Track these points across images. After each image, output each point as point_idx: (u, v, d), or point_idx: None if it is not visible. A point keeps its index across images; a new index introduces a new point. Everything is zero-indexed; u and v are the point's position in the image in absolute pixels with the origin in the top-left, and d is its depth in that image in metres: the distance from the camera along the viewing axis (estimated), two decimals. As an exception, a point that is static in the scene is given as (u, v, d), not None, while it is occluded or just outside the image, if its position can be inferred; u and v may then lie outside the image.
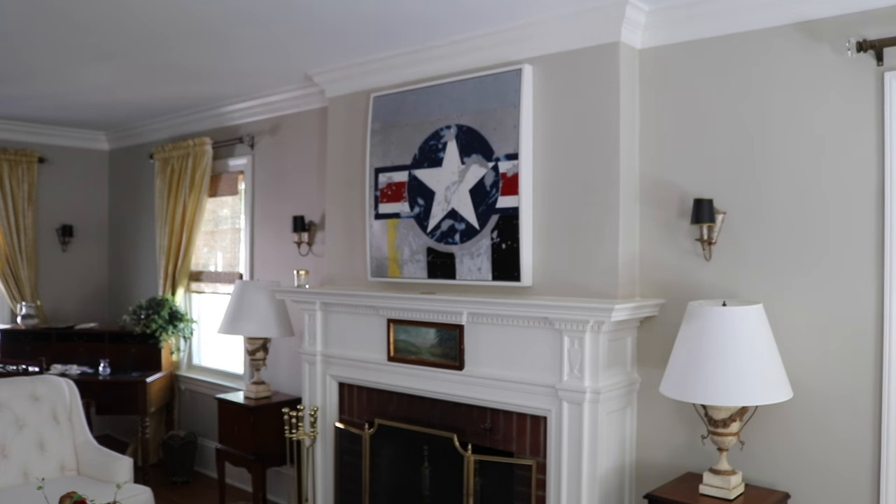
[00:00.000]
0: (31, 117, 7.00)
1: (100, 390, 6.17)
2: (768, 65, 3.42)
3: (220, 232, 6.61)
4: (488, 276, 4.07)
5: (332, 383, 4.83)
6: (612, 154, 3.70)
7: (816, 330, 3.31)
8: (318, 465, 4.87)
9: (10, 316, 7.21)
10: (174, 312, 6.50)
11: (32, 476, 4.53)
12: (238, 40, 4.39)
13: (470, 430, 4.09)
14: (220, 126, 6.37)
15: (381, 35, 4.25)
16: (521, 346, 3.85)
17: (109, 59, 4.87)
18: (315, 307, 4.82)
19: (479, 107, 4.12)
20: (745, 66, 3.49)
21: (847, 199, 3.23)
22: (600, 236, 3.74)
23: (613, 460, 3.72)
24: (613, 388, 3.67)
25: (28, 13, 3.97)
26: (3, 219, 7.06)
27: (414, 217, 4.42)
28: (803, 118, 3.33)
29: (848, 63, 3.20)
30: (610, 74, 3.71)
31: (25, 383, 4.94)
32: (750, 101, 3.48)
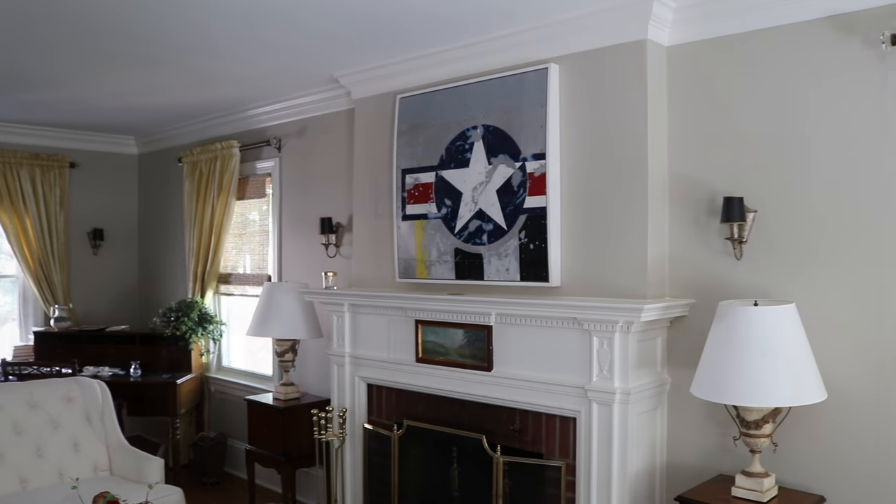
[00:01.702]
0: (62, 123, 7.10)
1: (131, 392, 6.23)
2: (799, 60, 3.37)
3: (249, 234, 6.65)
4: (516, 276, 4.06)
5: (361, 384, 4.83)
6: (640, 152, 3.67)
7: (851, 330, 3.26)
8: (347, 466, 4.88)
9: (43, 319, 7.30)
10: (204, 315, 6.55)
11: (67, 475, 4.59)
12: (265, 44, 4.41)
13: (499, 432, 4.08)
14: (248, 129, 6.41)
15: (406, 36, 4.25)
16: (550, 347, 3.83)
17: (139, 65, 4.92)
18: (343, 309, 4.83)
19: (505, 106, 4.11)
20: (775, 62, 3.44)
21: (882, 197, 3.17)
22: (629, 236, 3.72)
23: (644, 462, 3.69)
24: (643, 388, 3.63)
25: (59, 21, 4.02)
26: (35, 223, 7.16)
27: (441, 218, 4.42)
28: (836, 114, 3.28)
29: (882, 57, 3.15)
30: (637, 72, 3.68)
31: (59, 385, 5.01)
32: (780, 97, 3.43)
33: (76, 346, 6.81)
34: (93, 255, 7.76)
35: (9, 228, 7.04)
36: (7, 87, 5.57)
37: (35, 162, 7.19)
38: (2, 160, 7.00)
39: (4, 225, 7.03)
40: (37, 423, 4.72)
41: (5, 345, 7.21)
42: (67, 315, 7.13)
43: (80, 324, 7.40)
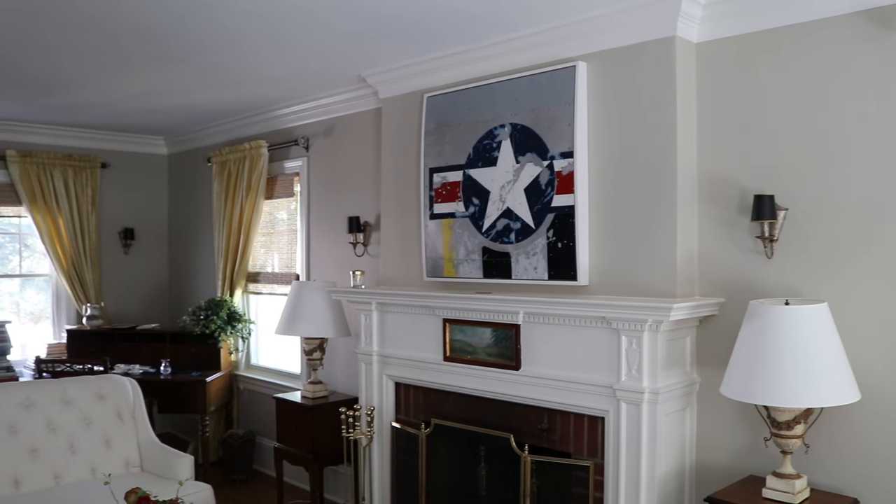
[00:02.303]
0: (93, 124, 7.19)
1: (161, 389, 6.30)
2: (832, 55, 3.32)
3: (277, 233, 6.69)
4: (544, 275, 4.05)
5: (389, 383, 4.85)
6: (669, 151, 3.65)
7: (884, 329, 3.20)
8: (375, 465, 4.90)
9: (76, 317, 7.40)
10: (232, 313, 6.60)
11: (99, 471, 4.65)
12: (291, 44, 4.43)
13: (526, 431, 4.07)
14: (276, 129, 6.45)
15: (434, 35, 4.25)
16: (578, 346, 3.81)
17: (169, 66, 4.97)
18: (371, 307, 4.85)
19: (533, 105, 4.10)
20: (807, 57, 3.40)
21: (916, 194, 3.13)
22: (658, 234, 3.69)
23: (673, 462, 3.66)
24: (672, 388, 3.61)
25: (88, 24, 4.08)
26: (68, 223, 7.26)
27: (469, 217, 4.42)
28: (870, 110, 3.23)
29: (916, 53, 3.10)
30: (666, 70, 3.65)
31: (92, 382, 5.08)
32: (813, 94, 3.38)
33: (108, 345, 6.89)
34: (124, 255, 7.85)
35: (42, 228, 7.15)
36: (40, 89, 5.66)
37: (68, 163, 7.29)
38: (36, 161, 7.10)
39: (38, 225, 7.13)
40: (70, 419, 4.79)
41: (39, 342, 7.31)
42: (99, 313, 7.22)
43: (112, 322, 7.49)
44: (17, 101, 6.08)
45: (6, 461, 4.47)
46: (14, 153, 7.01)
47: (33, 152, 7.11)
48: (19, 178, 7.03)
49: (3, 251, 7.44)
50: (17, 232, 7.41)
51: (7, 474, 4.45)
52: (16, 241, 7.45)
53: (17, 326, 7.14)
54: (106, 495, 3.72)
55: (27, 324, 7.50)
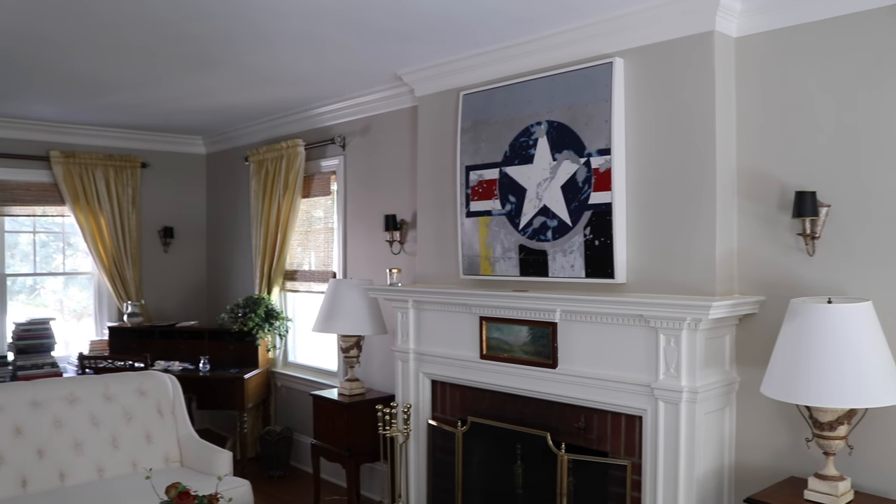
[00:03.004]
0: (134, 125, 7.30)
1: (200, 386, 6.38)
2: (876, 49, 3.26)
3: (314, 232, 6.73)
4: (581, 273, 4.03)
5: (425, 381, 4.86)
6: (708, 147, 3.60)
7: (930, 328, 3.14)
8: (412, 462, 4.91)
9: (117, 314, 7.52)
10: (270, 311, 6.66)
11: (140, 466, 4.72)
12: (330, 43, 4.46)
13: (563, 429, 4.05)
14: (313, 128, 6.49)
15: (470, 33, 4.25)
16: (616, 345, 3.79)
17: (207, 67, 5.03)
18: (408, 305, 4.86)
19: (569, 102, 4.07)
20: (850, 51, 3.33)
21: (964, 190, 3.06)
22: (696, 232, 3.65)
23: (711, 462, 3.62)
24: (711, 387, 3.57)
25: (130, 26, 4.14)
26: (109, 222, 7.38)
27: (505, 214, 4.41)
28: (914, 106, 3.17)
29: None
30: (704, 65, 3.61)
31: (133, 378, 5.16)
32: (856, 87, 3.32)
33: (148, 341, 7.00)
34: (163, 253, 7.97)
35: (85, 227, 7.27)
36: (82, 91, 5.76)
37: (109, 163, 7.41)
38: (78, 162, 7.23)
39: (81, 224, 7.26)
40: (112, 414, 4.87)
41: (82, 339, 7.44)
42: (139, 311, 7.33)
43: (152, 319, 7.61)
44: (60, 103, 6.20)
45: (52, 454, 4.57)
46: (57, 154, 7.15)
47: (76, 153, 7.24)
48: (62, 178, 7.16)
49: (48, 250, 7.58)
50: (61, 231, 7.55)
51: (52, 467, 4.54)
52: (59, 240, 7.59)
53: (61, 323, 7.27)
54: (147, 489, 3.77)
55: (70, 321, 7.64)
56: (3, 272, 7.09)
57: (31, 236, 7.40)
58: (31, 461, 4.49)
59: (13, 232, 7.25)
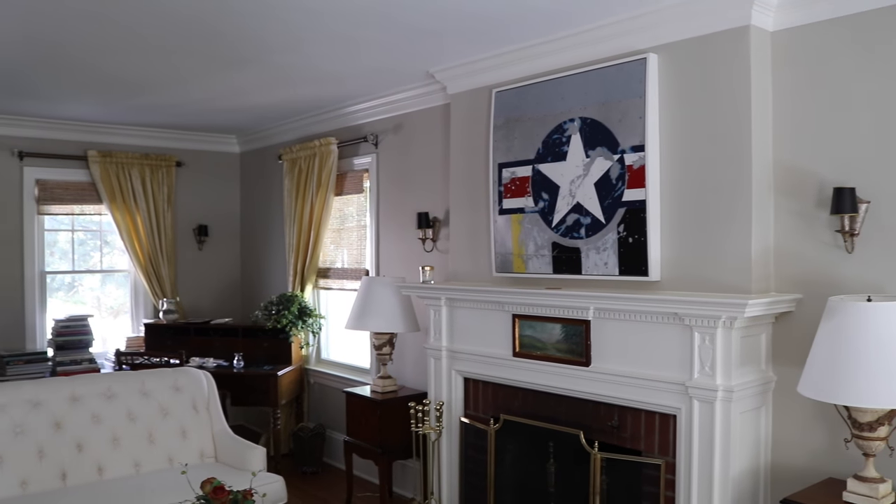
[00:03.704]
0: (169, 124, 7.39)
1: (234, 382, 6.44)
2: (917, 43, 3.20)
3: (347, 229, 6.76)
4: (615, 270, 4.00)
5: (458, 378, 4.86)
6: (744, 143, 3.56)
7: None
8: (444, 460, 4.91)
9: (153, 311, 7.61)
10: (303, 308, 6.70)
11: (176, 461, 4.78)
12: (361, 42, 4.47)
13: (596, 428, 4.03)
14: (345, 126, 6.52)
15: (503, 29, 4.24)
16: (650, 343, 3.76)
17: (240, 67, 5.07)
18: (440, 303, 4.86)
19: (603, 98, 4.05)
20: (890, 44, 3.26)
21: None
22: (732, 229, 3.61)
23: (747, 462, 3.58)
24: (747, 386, 3.52)
25: (166, 27, 4.19)
26: (145, 220, 7.47)
27: (538, 212, 4.39)
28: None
29: None
30: (740, 59, 3.57)
31: (168, 375, 5.22)
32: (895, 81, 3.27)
33: (183, 338, 7.07)
34: (198, 251, 8.05)
35: (121, 226, 7.37)
36: (119, 92, 5.84)
37: (145, 162, 7.51)
38: (115, 161, 7.33)
39: (117, 222, 7.36)
40: (149, 410, 4.94)
41: (119, 335, 7.54)
42: (175, 308, 7.42)
43: (187, 316, 7.69)
44: (98, 103, 6.29)
45: (90, 449, 4.64)
46: (95, 153, 7.25)
47: (112, 152, 7.34)
48: (100, 177, 7.27)
49: (85, 248, 7.70)
50: (98, 229, 7.66)
51: (91, 461, 4.61)
52: (97, 238, 7.70)
53: (99, 320, 7.38)
54: (182, 484, 3.81)
55: (107, 317, 7.75)
56: (43, 270, 7.22)
57: (70, 234, 7.52)
58: (70, 455, 4.57)
59: (52, 230, 7.37)
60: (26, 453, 4.45)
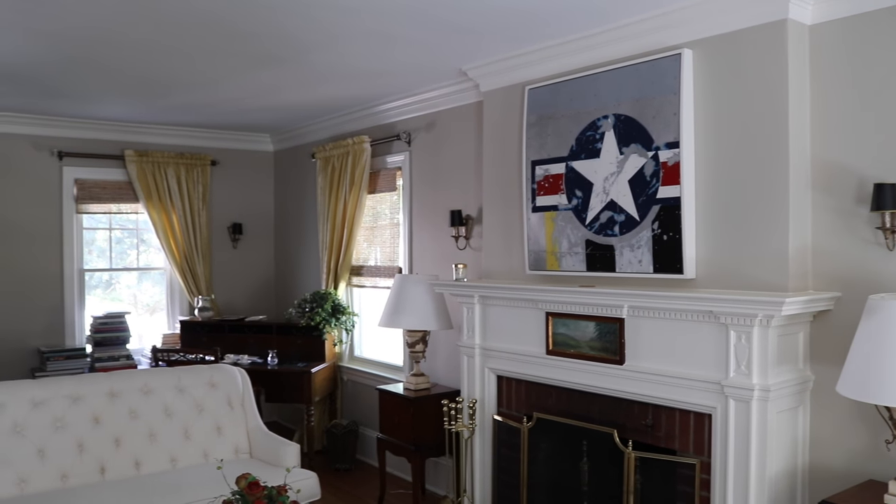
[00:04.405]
0: (204, 123, 7.48)
1: (268, 379, 6.49)
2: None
3: (380, 227, 6.78)
4: (649, 268, 3.97)
5: (491, 376, 4.85)
6: (781, 139, 3.51)
7: None
8: (477, 457, 4.91)
9: (188, 308, 7.70)
10: (337, 306, 6.73)
11: (211, 456, 4.83)
12: (395, 39, 4.48)
13: (630, 426, 4.00)
14: (378, 124, 6.54)
15: (535, 27, 4.22)
16: (685, 341, 3.72)
17: (274, 66, 5.11)
18: (473, 300, 4.86)
19: (637, 95, 4.02)
20: (933, 39, 3.21)
21: None
22: (769, 226, 3.56)
23: (784, 463, 3.53)
24: (784, 385, 3.48)
25: (201, 28, 4.23)
26: (181, 218, 7.57)
27: (572, 209, 4.37)
28: None
29: None
30: (777, 54, 3.52)
31: (204, 371, 5.28)
32: (939, 78, 3.20)
33: (218, 335, 7.15)
34: (232, 249, 8.13)
35: (157, 224, 7.47)
36: (156, 92, 5.92)
37: (180, 161, 7.60)
38: (151, 160, 7.43)
39: (153, 221, 7.46)
40: (184, 406, 4.99)
41: (155, 332, 7.65)
42: (210, 305, 7.50)
43: (221, 314, 7.76)
44: (135, 103, 6.38)
45: (128, 444, 4.70)
46: (132, 153, 7.36)
47: (149, 152, 7.44)
48: (136, 176, 7.37)
49: (122, 246, 7.81)
50: (135, 228, 7.77)
51: (129, 456, 4.67)
52: (133, 237, 7.81)
53: (135, 317, 7.48)
54: (218, 479, 3.85)
55: (144, 315, 7.86)
56: (82, 267, 7.34)
57: (107, 233, 7.64)
58: (108, 449, 4.64)
59: (90, 229, 7.49)
60: (67, 447, 4.53)
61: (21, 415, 4.49)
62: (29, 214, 7.01)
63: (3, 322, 6.86)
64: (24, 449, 4.41)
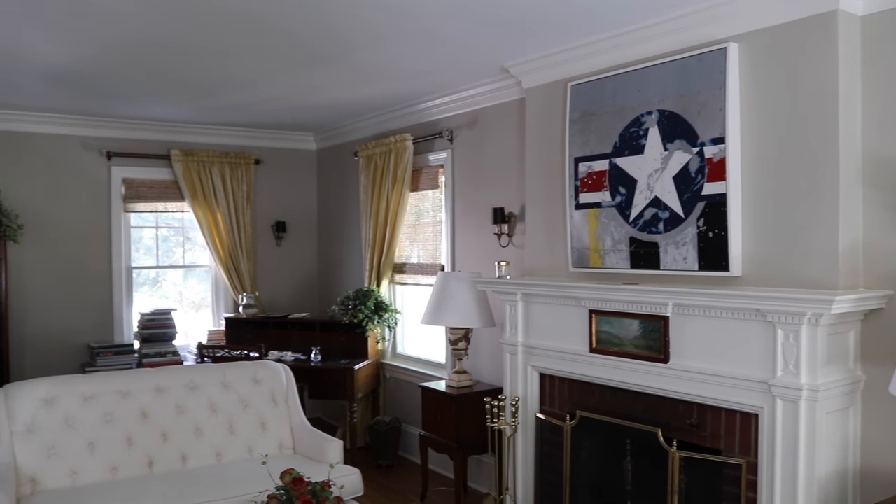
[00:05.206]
0: (248, 123, 7.56)
1: (312, 376, 6.54)
2: None
3: (422, 225, 6.79)
4: (694, 265, 3.92)
5: (533, 374, 4.83)
6: (831, 133, 3.44)
7: None
8: (519, 455, 4.90)
9: (233, 305, 7.80)
10: (379, 303, 6.76)
11: (255, 452, 4.88)
12: (438, 36, 4.47)
13: (674, 426, 3.96)
14: (420, 122, 6.55)
15: (577, 22, 4.19)
16: (731, 339, 3.67)
17: (317, 65, 5.14)
18: (516, 298, 4.85)
19: (681, 90, 3.97)
20: None
21: None
22: (818, 223, 3.49)
23: (833, 465, 3.46)
24: (833, 386, 3.41)
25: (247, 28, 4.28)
26: (226, 217, 7.66)
27: (615, 206, 4.34)
28: None
29: None
30: (827, 47, 3.44)
31: (248, 367, 5.33)
32: None
33: (262, 332, 7.23)
34: (276, 247, 8.21)
35: (203, 222, 7.58)
36: (200, 92, 6.00)
37: (225, 160, 7.69)
38: (196, 159, 7.54)
39: (199, 219, 7.57)
40: (229, 402, 5.05)
41: (200, 329, 7.76)
42: (254, 302, 7.58)
43: (266, 311, 7.84)
44: (181, 104, 6.48)
45: (174, 438, 4.77)
46: (178, 152, 7.47)
47: (194, 151, 7.55)
48: (182, 175, 7.48)
49: (168, 244, 7.94)
50: (181, 226, 7.89)
51: (175, 450, 4.75)
52: (179, 235, 7.93)
53: (181, 314, 7.59)
54: (262, 474, 3.90)
55: (189, 312, 7.98)
56: (130, 265, 7.47)
57: (154, 231, 7.77)
58: (156, 444, 4.71)
59: (138, 227, 7.62)
60: (116, 441, 4.61)
61: (73, 409, 4.59)
62: (79, 214, 7.17)
63: (55, 318, 7.02)
64: (75, 442, 4.51)
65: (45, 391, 4.58)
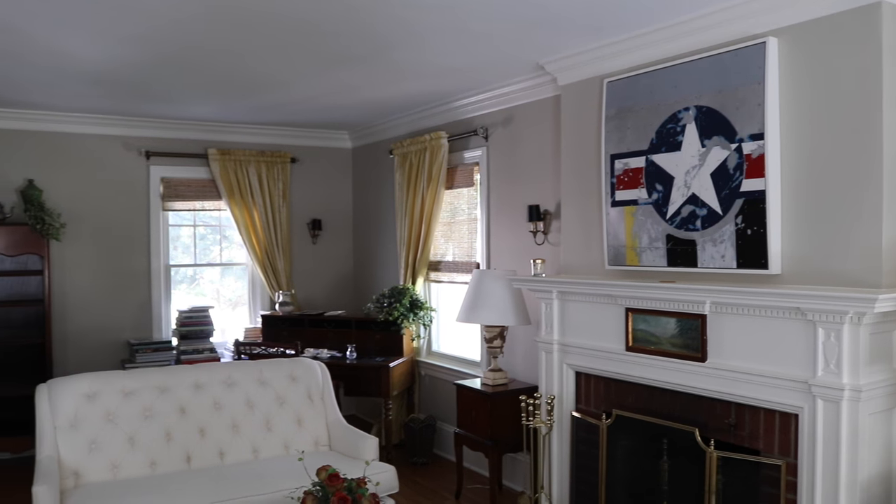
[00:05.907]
0: (284, 122, 7.61)
1: (347, 373, 6.57)
2: None
3: (457, 223, 6.79)
4: (732, 263, 3.87)
5: (569, 372, 4.81)
6: (874, 127, 3.37)
7: None
8: (554, 454, 4.88)
9: (269, 303, 7.86)
10: (415, 301, 6.77)
11: (292, 448, 4.92)
12: (474, 34, 4.47)
13: (712, 425, 3.92)
14: (455, 119, 6.55)
15: (613, 18, 4.16)
16: (770, 338, 3.62)
17: (353, 64, 5.16)
18: (552, 296, 4.82)
19: (719, 86, 3.92)
20: None
21: None
22: (860, 219, 3.42)
23: (877, 467, 3.40)
24: (876, 386, 3.34)
25: (284, 28, 4.31)
26: (262, 215, 7.73)
27: (652, 203, 4.30)
28: None
29: None
30: (870, 39, 3.37)
31: (285, 364, 5.38)
32: None
33: (298, 329, 7.28)
34: (312, 244, 8.26)
35: (239, 220, 7.65)
36: (237, 92, 6.07)
37: (261, 159, 7.76)
38: (233, 158, 7.61)
39: (236, 217, 7.64)
40: (266, 398, 5.10)
41: (237, 326, 7.84)
42: (290, 300, 7.64)
43: (301, 308, 7.90)
44: (218, 103, 6.55)
45: (212, 434, 4.83)
46: (215, 151, 7.55)
47: (231, 150, 7.62)
48: (219, 174, 7.56)
49: (206, 242, 8.02)
50: (218, 224, 7.97)
51: (213, 446, 4.80)
52: (216, 233, 8.02)
53: (218, 311, 7.68)
54: (298, 470, 3.92)
55: (226, 309, 8.07)
56: (168, 263, 7.57)
57: (192, 229, 7.86)
58: (194, 439, 4.78)
59: (176, 225, 7.72)
60: (155, 436, 4.68)
61: (113, 404, 4.67)
62: (119, 213, 7.28)
63: (96, 315, 7.14)
64: (116, 436, 4.58)
65: (87, 387, 4.67)
